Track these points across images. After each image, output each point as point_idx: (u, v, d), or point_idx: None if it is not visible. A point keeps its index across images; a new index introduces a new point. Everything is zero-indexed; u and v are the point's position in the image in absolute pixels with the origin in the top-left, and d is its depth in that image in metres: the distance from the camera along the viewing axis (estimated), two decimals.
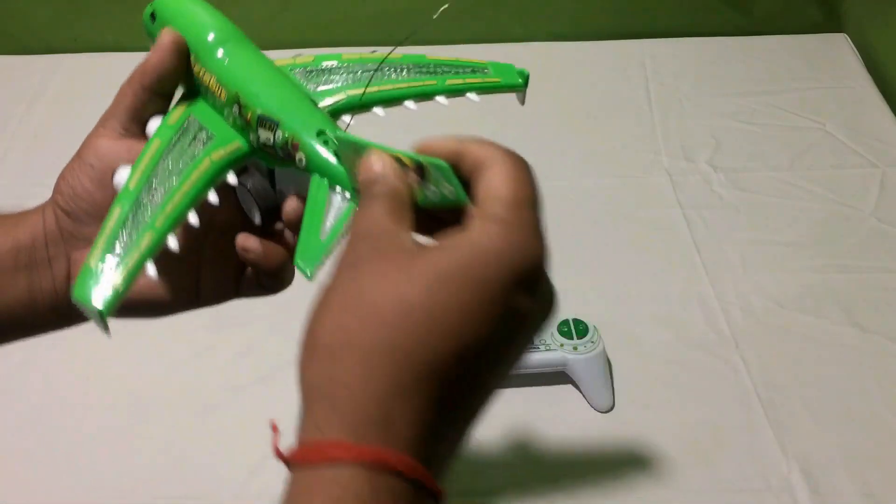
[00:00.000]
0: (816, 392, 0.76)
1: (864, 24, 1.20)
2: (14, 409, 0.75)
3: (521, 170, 0.31)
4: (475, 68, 0.43)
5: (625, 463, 0.71)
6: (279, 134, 0.38)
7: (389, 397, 0.27)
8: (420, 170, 0.32)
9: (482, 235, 0.29)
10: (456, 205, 0.32)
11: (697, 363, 0.79)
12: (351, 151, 0.35)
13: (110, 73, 1.20)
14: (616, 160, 1.03)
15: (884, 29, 1.17)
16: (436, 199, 0.32)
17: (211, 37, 0.41)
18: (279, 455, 0.28)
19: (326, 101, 0.41)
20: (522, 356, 0.32)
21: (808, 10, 1.24)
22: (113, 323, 0.36)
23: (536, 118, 1.08)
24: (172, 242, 0.37)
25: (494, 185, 0.31)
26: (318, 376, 0.29)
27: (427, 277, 0.28)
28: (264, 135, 0.38)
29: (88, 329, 0.80)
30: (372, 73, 0.41)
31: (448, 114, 0.45)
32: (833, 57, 1.19)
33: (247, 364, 0.78)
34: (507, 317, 0.29)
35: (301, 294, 0.39)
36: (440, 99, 0.42)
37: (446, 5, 0.38)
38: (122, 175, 0.39)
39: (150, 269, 0.36)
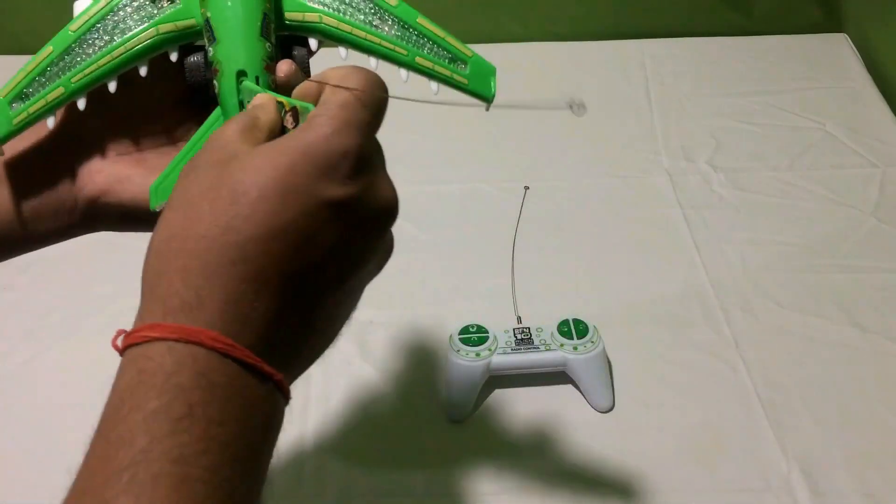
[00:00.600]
0: (816, 392, 0.76)
1: (864, 24, 1.20)
2: (15, 410, 0.75)
3: (360, 78, 0.33)
4: (455, 58, 0.40)
5: (625, 463, 0.71)
6: (210, 51, 0.37)
7: (200, 280, 0.29)
8: (295, 112, 0.34)
9: (297, 131, 0.31)
10: None
11: (697, 363, 0.79)
12: (249, 98, 0.36)
13: None
14: (616, 160, 1.03)
15: (884, 29, 1.17)
16: None
17: None
18: (115, 348, 0.30)
19: (297, 16, 0.39)
20: (366, 254, 0.32)
21: (808, 10, 1.24)
22: (113, 324, 0.36)
23: (536, 118, 1.08)
24: (81, 104, 0.38)
25: (326, 95, 0.33)
26: (147, 275, 0.30)
27: (237, 169, 0.30)
28: (203, 39, 0.37)
29: (90, 329, 0.80)
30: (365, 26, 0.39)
31: (447, 112, 0.45)
32: (833, 57, 1.19)
33: None
34: (314, 202, 0.30)
35: None
36: (402, 72, 0.40)
37: None
38: (79, 7, 0.38)
39: (50, 122, 0.38)
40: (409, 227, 0.91)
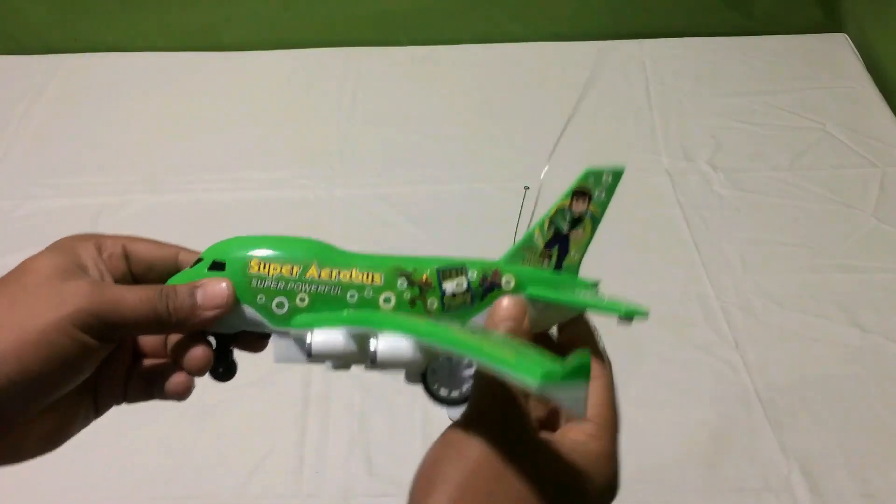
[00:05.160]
0: (816, 392, 0.76)
1: (864, 24, 1.20)
2: None
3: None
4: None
5: (625, 463, 0.71)
6: (471, 273, 0.41)
7: None
8: None
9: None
10: None
11: (697, 363, 0.79)
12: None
13: (110, 73, 1.20)
14: (616, 160, 1.02)
15: (884, 29, 1.17)
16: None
17: (318, 247, 0.40)
18: None
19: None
20: None
21: (808, 10, 1.24)
22: None
23: (537, 118, 1.08)
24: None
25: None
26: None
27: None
28: (451, 285, 0.41)
29: None
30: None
31: (451, 115, 0.46)
32: (833, 57, 1.19)
33: (247, 364, 0.78)
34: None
35: None
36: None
37: None
38: (320, 338, 0.38)
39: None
40: (409, 227, 0.91)
